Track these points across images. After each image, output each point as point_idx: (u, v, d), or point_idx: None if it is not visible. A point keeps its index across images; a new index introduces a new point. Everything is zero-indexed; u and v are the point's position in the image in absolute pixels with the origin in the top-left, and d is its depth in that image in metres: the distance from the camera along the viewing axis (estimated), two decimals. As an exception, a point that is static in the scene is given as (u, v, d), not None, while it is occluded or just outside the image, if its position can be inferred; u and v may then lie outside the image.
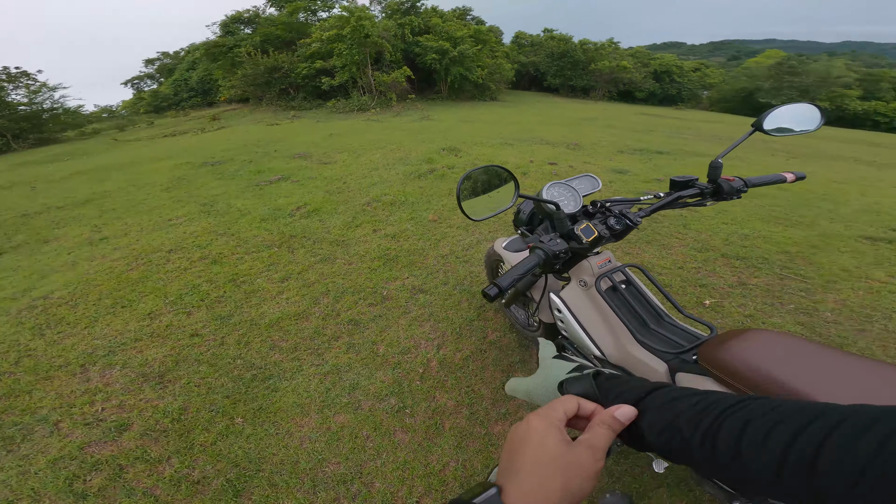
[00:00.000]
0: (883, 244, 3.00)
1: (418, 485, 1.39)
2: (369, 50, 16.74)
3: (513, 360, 1.88)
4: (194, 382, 1.79)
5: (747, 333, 0.87)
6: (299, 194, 4.34)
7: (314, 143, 7.92)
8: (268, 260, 2.88)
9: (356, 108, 16.11)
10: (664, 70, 31.17)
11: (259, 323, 2.18)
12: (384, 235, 3.20)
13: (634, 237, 2.96)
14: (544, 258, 0.83)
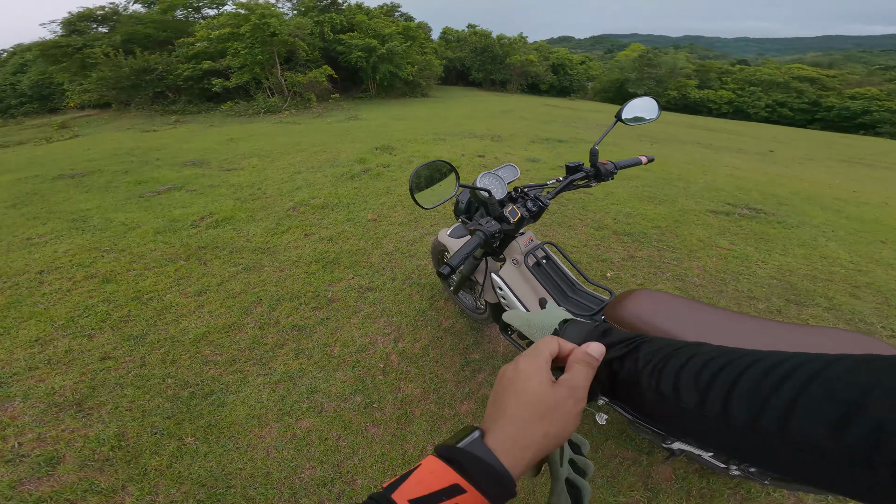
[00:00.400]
0: (723, 216, 3.76)
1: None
2: (277, 49, 16.54)
3: (468, 343, 2.05)
4: (123, 407, 1.71)
5: (635, 294, 1.15)
6: (201, 204, 4.01)
7: (210, 150, 7.39)
8: (175, 274, 2.69)
9: (263, 111, 15.62)
10: (560, 63, 36.12)
11: (182, 339, 2.09)
12: (319, 239, 3.15)
13: (548, 220, 3.44)
14: (484, 238, 1.04)
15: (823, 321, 2.32)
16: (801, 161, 9.66)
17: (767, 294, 2.52)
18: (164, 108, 17.23)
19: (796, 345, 0.87)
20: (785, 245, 3.20)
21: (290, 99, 16.80)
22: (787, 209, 4.09)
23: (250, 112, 15.54)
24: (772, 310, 2.39)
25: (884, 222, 4.05)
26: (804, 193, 4.95)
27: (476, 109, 15.56)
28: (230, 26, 15.95)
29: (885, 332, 2.27)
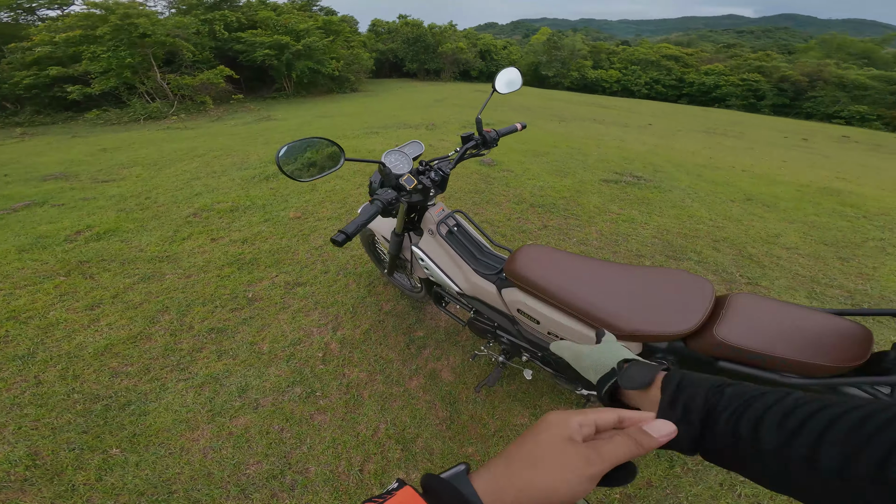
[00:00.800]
0: (612, 185, 4.25)
1: (355, 455, 1.48)
2: (152, 51, 15.08)
3: (410, 323, 2.12)
4: (27, 426, 1.59)
5: (523, 250, 1.34)
6: (73, 217, 3.47)
7: (77, 162, 6.42)
8: (55, 291, 2.35)
9: (143, 117, 14.08)
10: (486, 49, 38.13)
11: (80, 354, 1.90)
12: (230, 242, 2.94)
13: (478, 199, 3.66)
14: (382, 205, 1.12)
15: (695, 272, 2.53)
16: (672, 133, 11.30)
17: (651, 252, 2.90)
18: (4, 121, 14.70)
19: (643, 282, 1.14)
20: (661, 207, 3.75)
21: (177, 103, 15.32)
22: (661, 175, 4.81)
23: (126, 119, 13.95)
24: (656, 265, 2.73)
25: (732, 184, 4.89)
26: (674, 161, 5.87)
27: (410, 100, 15.50)
28: (81, 28, 14.25)
29: (743, 279, 2.62)
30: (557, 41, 39.22)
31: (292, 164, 1.03)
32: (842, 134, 20.22)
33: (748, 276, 2.66)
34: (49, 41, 14.50)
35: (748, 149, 9.64)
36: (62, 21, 15.56)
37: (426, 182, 1.32)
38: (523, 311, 1.28)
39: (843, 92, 34.20)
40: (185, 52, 16.26)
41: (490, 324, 1.49)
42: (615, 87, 40.26)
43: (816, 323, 0.93)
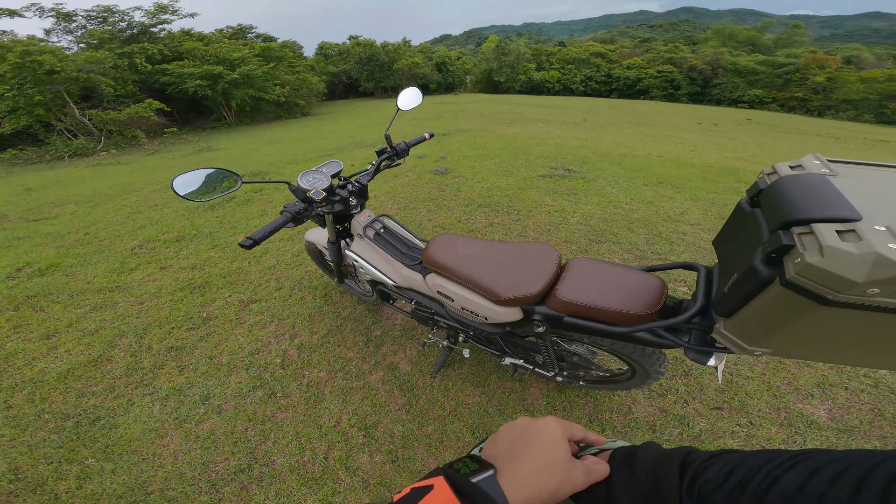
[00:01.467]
0: (549, 179, 4.48)
1: (319, 444, 1.63)
2: (65, 87, 14.23)
3: (368, 324, 2.26)
4: (4, 446, 1.68)
5: (433, 240, 1.49)
6: (11, 256, 3.34)
7: (1, 202, 5.96)
8: (7, 324, 2.39)
9: (67, 155, 13.20)
10: (441, 61, 38.35)
11: (44, 379, 1.99)
12: (179, 269, 2.97)
13: (432, 206, 3.87)
14: (289, 216, 1.29)
15: (614, 254, 2.86)
16: (602, 126, 12.03)
17: (577, 237, 3.10)
18: None
19: (515, 256, 1.37)
20: (587, 196, 4.05)
21: (104, 139, 14.47)
22: (588, 167, 5.20)
23: (47, 158, 13.07)
24: (581, 249, 2.93)
25: (647, 170, 5.27)
26: (601, 152, 6.33)
27: (368, 119, 15.40)
28: None
29: (654, 256, 2.83)
30: (504, 47, 40.53)
31: (193, 191, 1.18)
32: (746, 117, 22.47)
33: (658, 252, 2.87)
34: None
35: (666, 136, 10.55)
36: None
37: (343, 194, 1.50)
38: (442, 293, 1.47)
39: (740, 77, 37.93)
40: (105, 87, 15.46)
41: (428, 311, 1.66)
42: (557, 86, 42.12)
43: (631, 279, 1.16)
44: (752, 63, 38.04)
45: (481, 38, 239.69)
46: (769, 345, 0.76)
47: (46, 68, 13.29)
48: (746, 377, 1.84)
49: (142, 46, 17.93)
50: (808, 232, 0.62)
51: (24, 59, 12.95)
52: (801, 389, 1.77)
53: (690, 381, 1.82)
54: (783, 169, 0.78)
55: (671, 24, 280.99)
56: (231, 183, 1.23)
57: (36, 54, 13.23)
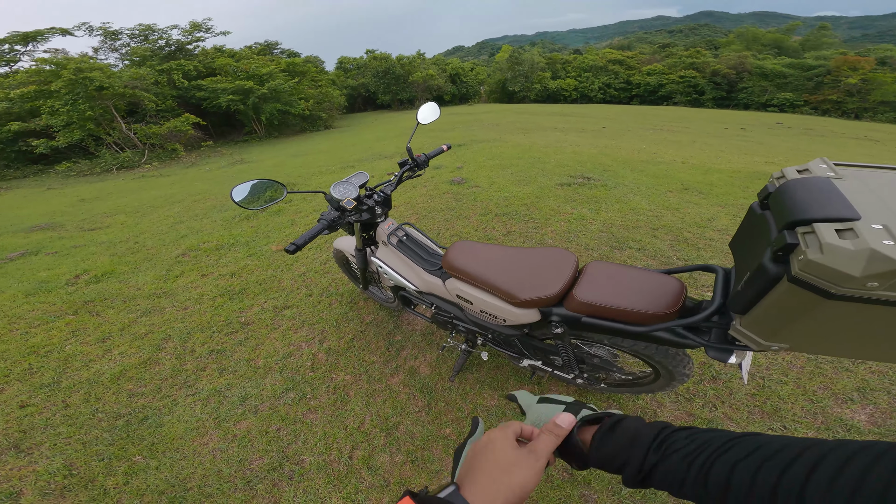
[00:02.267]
0: (567, 188, 4.45)
1: (344, 444, 1.69)
2: (112, 102, 15.06)
3: (390, 329, 2.33)
4: (61, 443, 1.77)
5: (452, 246, 1.54)
6: (69, 264, 3.61)
7: (59, 212, 6.45)
8: (67, 328, 2.56)
9: (115, 167, 13.95)
10: (455, 73, 38.72)
11: (99, 380, 2.11)
12: (219, 276, 3.13)
13: (449, 216, 3.92)
14: (326, 223, 1.37)
15: (637, 260, 2.83)
16: (622, 133, 11.81)
17: (598, 244, 3.09)
18: None
19: (532, 260, 1.40)
20: (608, 203, 4.00)
21: (147, 152, 15.25)
22: (608, 174, 5.14)
23: (98, 170, 13.83)
24: (602, 255, 2.91)
25: (672, 176, 5.18)
26: (621, 159, 6.23)
27: (386, 131, 15.66)
28: (35, 84, 14.14)
29: (680, 262, 2.79)
30: (518, 57, 40.51)
31: (247, 199, 1.32)
32: (776, 121, 21.54)
33: (684, 258, 2.83)
34: (4, 97, 14.36)
35: (691, 142, 10.26)
36: (12, 78, 15.39)
37: (370, 203, 1.57)
38: (461, 296, 1.52)
39: (767, 81, 36.51)
40: (147, 103, 16.26)
41: (448, 315, 1.70)
42: (574, 94, 41.68)
43: (649, 280, 1.18)
44: (780, 66, 36.68)
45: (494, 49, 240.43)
46: (785, 340, 0.80)
47: (97, 84, 14.07)
48: (779, 381, 1.79)
49: (179, 63, 18.89)
50: (810, 231, 0.65)
51: (76, 75, 13.77)
52: (839, 394, 1.70)
53: (719, 386, 1.79)
54: (791, 172, 0.82)
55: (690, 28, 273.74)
56: (277, 192, 1.35)
57: (87, 71, 14.07)
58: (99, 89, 14.26)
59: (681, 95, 39.37)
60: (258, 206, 1.31)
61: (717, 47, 55.07)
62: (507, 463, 0.43)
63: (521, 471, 0.43)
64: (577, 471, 0.58)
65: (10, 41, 18.62)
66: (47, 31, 18.75)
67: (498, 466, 0.43)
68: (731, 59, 38.75)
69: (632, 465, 0.45)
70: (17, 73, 15.40)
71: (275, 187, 1.37)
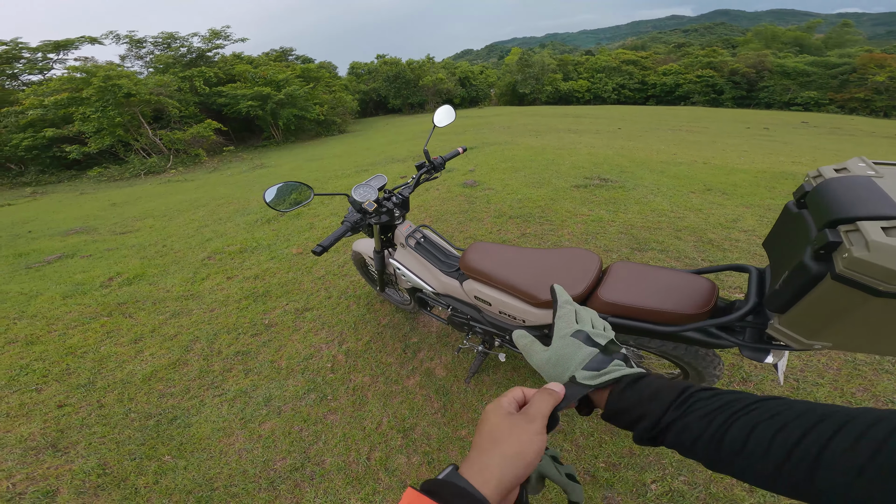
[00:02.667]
0: (583, 189, 4.41)
1: (363, 446, 1.70)
2: (139, 109, 15.56)
3: (406, 331, 2.35)
4: (96, 442, 1.82)
5: (469, 247, 1.60)
6: (103, 266, 3.76)
7: (92, 216, 6.72)
8: (102, 329, 2.66)
9: (143, 172, 14.45)
10: (465, 76, 38.76)
11: (132, 381, 2.17)
12: (244, 279, 3.20)
13: (462, 218, 3.91)
14: (349, 224, 1.39)
15: (660, 261, 2.79)
16: (639, 134, 11.59)
17: (618, 246, 3.05)
18: (11, 181, 15.17)
19: (553, 260, 1.39)
20: (626, 205, 3.93)
21: (173, 157, 15.72)
22: (627, 175, 5.05)
23: (127, 175, 14.33)
24: (622, 257, 2.84)
25: (693, 177, 5.07)
26: (639, 161, 6.10)
27: (397, 135, 15.77)
28: (67, 91, 14.69)
29: (705, 263, 2.71)
30: (528, 59, 40.10)
31: (275, 200, 1.37)
32: (801, 120, 20.78)
33: (710, 259, 2.78)
34: (39, 104, 14.89)
35: (711, 142, 10.00)
36: (46, 85, 15.91)
37: (388, 206, 1.59)
38: (479, 297, 1.52)
39: (790, 80, 35.27)
40: (171, 109, 16.71)
41: (464, 316, 1.70)
42: (587, 95, 41.03)
43: (677, 280, 1.16)
44: (802, 64, 35.41)
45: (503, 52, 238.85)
46: (829, 338, 0.79)
47: (125, 91, 14.54)
48: (815, 384, 1.73)
49: (200, 70, 19.45)
50: (853, 229, 0.65)
51: (106, 83, 14.26)
52: (879, 396, 1.64)
53: (750, 388, 1.74)
54: (828, 171, 0.81)
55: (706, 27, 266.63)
56: (303, 194, 1.39)
57: (115, 78, 14.54)
58: (127, 96, 14.75)
59: (699, 95, 38.30)
60: (286, 208, 1.36)
61: (734, 46, 53.44)
62: (499, 432, 0.41)
63: (513, 438, 0.41)
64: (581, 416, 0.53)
65: (43, 49, 19.39)
66: (77, 39, 19.54)
67: (489, 438, 0.41)
68: (749, 58, 37.56)
69: (648, 420, 0.44)
70: (51, 81, 15.97)
71: (300, 189, 1.41)
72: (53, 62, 19.87)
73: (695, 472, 1.44)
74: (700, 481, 1.41)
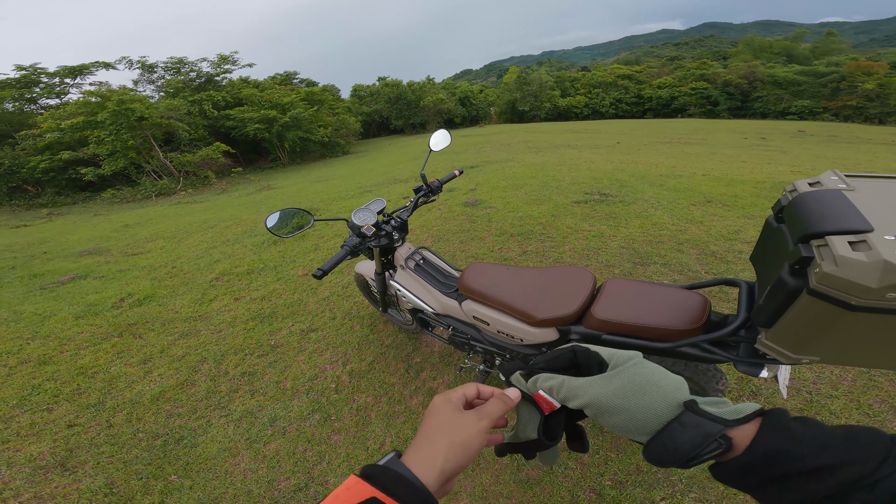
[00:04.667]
0: (584, 205, 4.42)
1: None
2: (151, 132, 15.91)
3: (409, 351, 2.35)
4: (104, 462, 1.84)
5: (468, 268, 1.62)
6: (115, 287, 3.82)
7: (105, 238, 6.83)
8: (112, 350, 2.70)
9: (154, 194, 14.68)
10: (464, 96, 39.13)
11: (140, 401, 2.20)
12: (251, 300, 3.23)
13: (464, 237, 3.93)
14: (348, 249, 1.42)
15: (662, 275, 2.78)
16: (638, 147, 11.62)
17: (619, 261, 3.04)
18: (28, 203, 15.46)
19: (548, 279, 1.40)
20: (627, 219, 3.93)
21: (182, 179, 16.01)
22: (627, 190, 5.06)
23: (139, 197, 14.58)
24: (624, 272, 2.86)
25: (693, 189, 5.05)
26: (639, 174, 6.11)
27: (400, 155, 15.98)
28: (83, 115, 15.06)
29: (709, 276, 2.71)
30: (526, 77, 40.67)
31: (277, 226, 1.42)
32: (798, 129, 20.81)
33: (713, 272, 2.76)
34: (56, 128, 15.24)
35: (710, 154, 10.03)
36: (63, 109, 16.26)
37: (387, 229, 1.62)
38: (477, 317, 1.53)
39: (782, 89, 35.41)
40: (181, 132, 17.06)
41: (465, 336, 1.71)
42: (585, 111, 41.30)
43: (670, 296, 1.16)
44: (792, 74, 35.63)
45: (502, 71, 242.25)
46: (815, 352, 0.79)
47: (137, 115, 14.87)
48: (829, 396, 1.71)
49: (209, 94, 19.82)
50: (824, 244, 0.65)
51: (120, 107, 14.60)
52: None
53: (760, 402, 1.71)
54: (802, 185, 0.83)
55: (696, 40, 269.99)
56: (304, 219, 1.44)
57: (129, 102, 14.89)
58: (139, 119, 15.09)
59: (695, 107, 38.55)
60: (287, 233, 1.40)
61: (724, 57, 54.03)
62: (448, 423, 0.42)
63: (462, 429, 0.41)
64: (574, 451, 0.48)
65: (60, 74, 19.94)
66: (92, 64, 20.11)
67: (437, 427, 0.42)
68: (741, 69, 37.90)
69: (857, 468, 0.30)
70: (68, 105, 16.36)
71: (301, 214, 1.45)
72: (70, 87, 20.41)
73: (706, 488, 1.41)
74: (712, 498, 1.38)
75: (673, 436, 0.35)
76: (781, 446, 0.33)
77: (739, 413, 0.36)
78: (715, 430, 0.34)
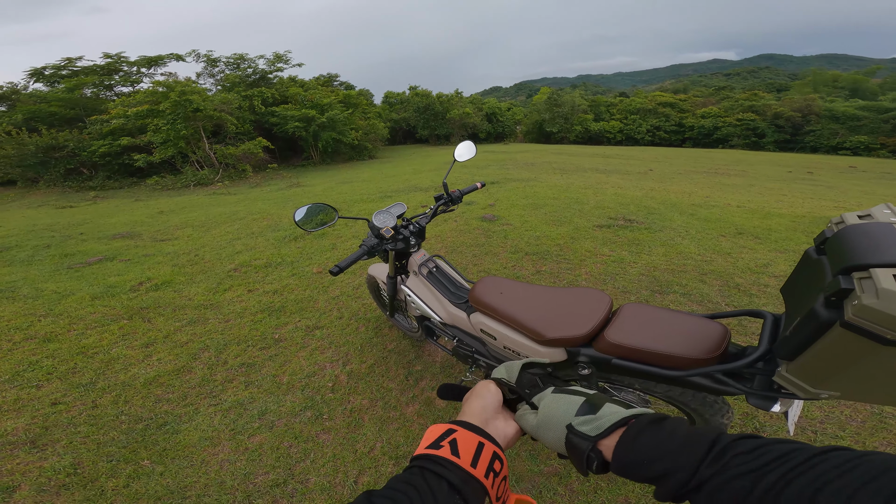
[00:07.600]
0: (606, 230, 4.32)
1: (352, 469, 1.65)
2: (202, 124, 16.68)
3: (410, 358, 2.31)
4: (77, 441, 1.82)
5: (480, 281, 1.59)
6: (137, 271, 3.98)
7: (139, 223, 7.19)
8: (119, 332, 2.76)
9: (193, 183, 15.40)
10: (491, 112, 39.19)
11: (132, 384, 2.20)
12: (263, 293, 3.29)
13: (478, 252, 3.89)
14: (366, 248, 1.45)
15: (680, 305, 2.70)
16: (672, 176, 11.31)
17: (637, 288, 2.95)
18: (80, 185, 16.44)
19: (563, 299, 1.36)
20: (651, 246, 3.80)
21: (222, 171, 16.73)
22: (654, 217, 4.91)
23: (179, 185, 15.29)
24: (641, 299, 2.78)
25: (725, 220, 4.86)
26: (669, 202, 5.94)
27: (423, 165, 16.23)
28: (149, 103, 15.93)
29: (728, 307, 2.67)
30: (557, 98, 40.44)
31: (303, 219, 1.45)
32: (849, 164, 19.72)
33: (734, 305, 2.68)
34: (123, 114, 16.31)
35: (748, 185, 9.62)
36: (133, 97, 17.40)
37: (405, 233, 1.63)
38: (485, 331, 1.49)
39: (839, 124, 33.66)
40: (230, 125, 17.83)
41: (469, 349, 1.68)
42: (619, 136, 40.54)
43: (688, 324, 1.10)
44: (853, 108, 33.79)
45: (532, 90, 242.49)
46: (835, 387, 0.77)
47: (194, 106, 15.71)
48: (835, 437, 1.60)
49: (260, 90, 20.82)
50: (867, 276, 0.64)
51: (181, 97, 15.50)
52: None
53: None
54: (851, 218, 0.80)
55: (749, 71, 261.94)
56: (329, 216, 1.48)
57: (189, 94, 15.79)
58: (195, 111, 15.92)
59: (738, 138, 37.07)
60: (312, 228, 1.43)
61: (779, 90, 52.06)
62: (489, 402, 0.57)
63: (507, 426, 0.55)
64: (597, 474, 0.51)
65: (139, 64, 21.47)
66: (166, 56, 21.58)
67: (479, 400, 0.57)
68: (796, 102, 36.38)
69: (679, 475, 0.37)
70: (138, 93, 17.52)
71: (327, 211, 1.49)
72: (144, 76, 21.81)
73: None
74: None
75: (570, 454, 0.46)
76: (627, 458, 0.40)
77: (601, 428, 0.43)
78: (585, 447, 0.43)
